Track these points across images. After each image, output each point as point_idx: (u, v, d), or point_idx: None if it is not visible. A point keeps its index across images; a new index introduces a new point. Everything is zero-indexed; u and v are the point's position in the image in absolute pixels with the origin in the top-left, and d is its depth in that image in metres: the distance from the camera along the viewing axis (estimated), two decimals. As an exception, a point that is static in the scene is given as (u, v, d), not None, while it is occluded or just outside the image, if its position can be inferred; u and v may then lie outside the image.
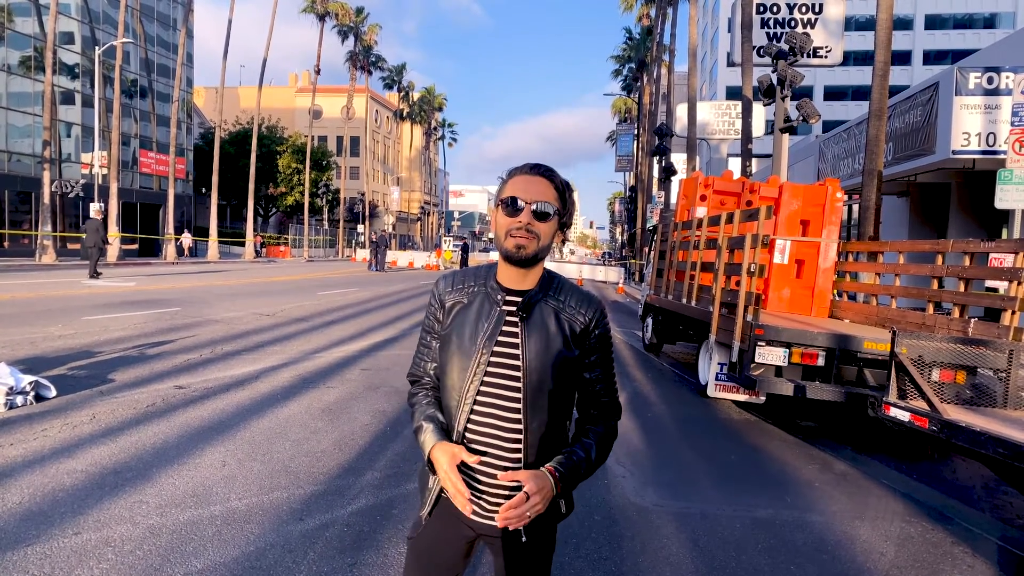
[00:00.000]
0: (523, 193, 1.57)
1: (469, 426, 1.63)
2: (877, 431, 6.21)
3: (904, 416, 4.36)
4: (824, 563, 3.57)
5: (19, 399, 5.42)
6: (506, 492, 1.61)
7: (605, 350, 1.69)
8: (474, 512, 1.64)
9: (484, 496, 1.64)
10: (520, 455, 1.60)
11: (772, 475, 5.06)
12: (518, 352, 1.59)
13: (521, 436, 1.60)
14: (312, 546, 3.34)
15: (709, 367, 7.31)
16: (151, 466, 4.30)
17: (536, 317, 1.61)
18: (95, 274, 18.80)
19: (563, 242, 1.69)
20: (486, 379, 1.61)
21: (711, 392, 7.24)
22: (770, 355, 5.99)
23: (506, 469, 1.60)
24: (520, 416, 1.59)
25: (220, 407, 5.81)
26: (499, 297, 1.63)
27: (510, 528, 1.50)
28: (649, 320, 10.98)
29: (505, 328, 1.61)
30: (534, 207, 1.56)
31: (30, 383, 5.57)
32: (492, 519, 1.62)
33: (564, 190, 1.61)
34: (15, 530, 3.32)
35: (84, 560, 3.07)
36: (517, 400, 1.59)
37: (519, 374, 1.58)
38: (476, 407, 1.62)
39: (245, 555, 3.21)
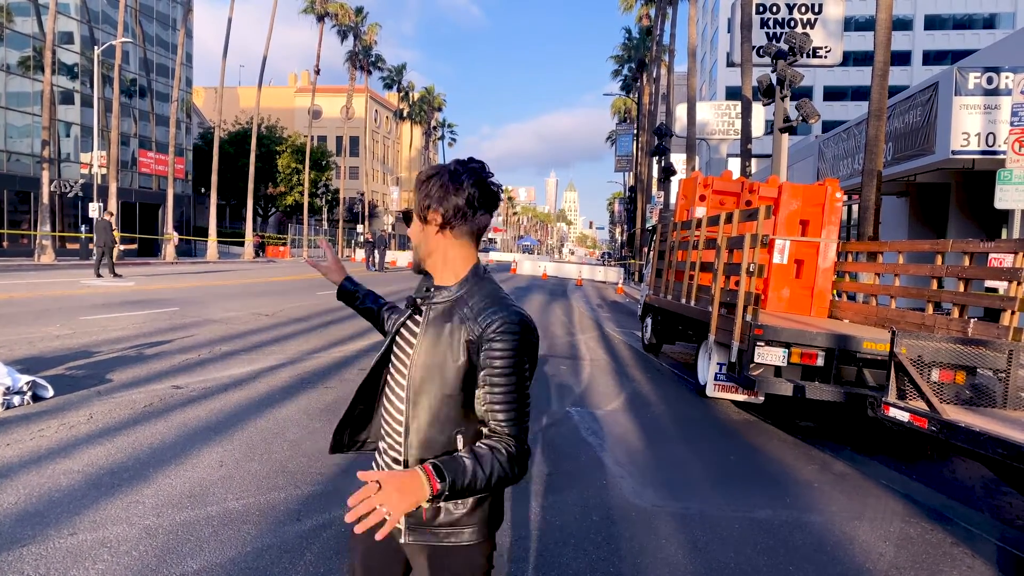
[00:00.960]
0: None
1: (382, 422, 1.70)
2: (876, 431, 6.20)
3: (903, 416, 4.35)
4: (823, 564, 3.56)
5: (16, 399, 5.40)
6: None
7: (505, 368, 1.48)
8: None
9: None
10: (401, 454, 1.58)
11: (771, 475, 5.05)
12: (411, 347, 1.60)
13: (401, 435, 1.60)
14: (309, 547, 3.32)
15: (708, 367, 7.30)
16: (148, 466, 4.29)
17: (436, 317, 1.58)
18: (103, 273, 19.06)
19: (443, 226, 1.57)
20: (389, 370, 1.68)
21: (710, 392, 7.23)
22: (769, 355, 5.98)
23: (389, 464, 1.62)
24: (402, 416, 1.59)
25: (218, 407, 5.80)
26: (415, 297, 1.67)
27: (360, 530, 1.35)
28: (648, 320, 10.97)
29: (410, 324, 1.65)
30: (397, 217, 1.55)
31: (27, 383, 5.55)
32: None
33: (427, 180, 1.60)
34: (11, 531, 3.31)
35: (80, 561, 3.06)
36: (400, 398, 1.60)
37: (405, 369, 1.59)
38: (384, 402, 1.69)
39: (242, 556, 3.19)
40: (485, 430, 1.52)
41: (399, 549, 1.65)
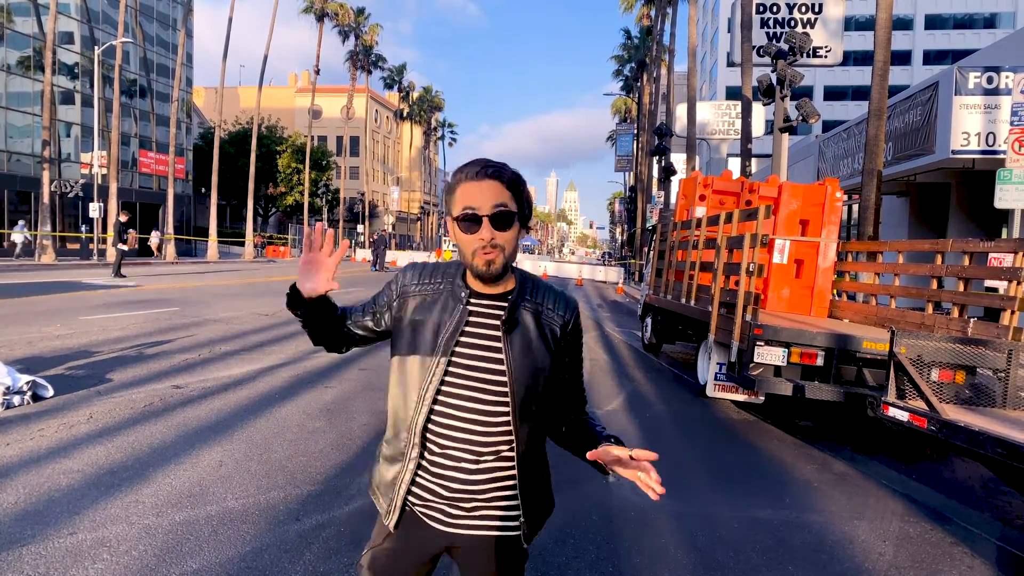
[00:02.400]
0: (477, 203, 1.46)
1: (431, 426, 1.55)
2: (876, 431, 6.20)
3: (903, 416, 4.35)
4: (823, 563, 3.56)
5: (16, 399, 5.41)
6: (484, 497, 1.56)
7: (578, 348, 1.68)
8: (450, 524, 1.58)
9: (461, 504, 1.56)
10: (512, 464, 1.56)
11: (771, 475, 5.05)
12: (501, 358, 1.52)
13: (508, 448, 1.55)
14: (309, 546, 3.32)
15: (708, 367, 7.30)
16: (148, 466, 4.29)
17: (518, 324, 1.54)
18: (118, 274, 19.43)
19: (527, 233, 1.63)
20: (453, 380, 1.53)
21: (710, 392, 7.22)
22: (769, 355, 5.98)
23: (484, 475, 1.55)
24: (510, 427, 1.53)
25: (218, 407, 5.80)
26: (463, 295, 1.55)
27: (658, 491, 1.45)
28: (648, 320, 10.97)
29: (482, 331, 1.54)
30: (492, 216, 1.45)
31: (27, 383, 5.56)
32: (471, 528, 1.58)
33: (517, 184, 1.51)
34: (10, 530, 3.31)
35: (79, 560, 3.06)
36: (502, 410, 1.53)
37: (504, 379, 1.52)
38: (440, 407, 1.54)
39: (241, 555, 3.20)
40: (557, 408, 1.67)
41: (428, 555, 1.63)
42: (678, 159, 29.46)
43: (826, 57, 17.76)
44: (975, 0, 49.88)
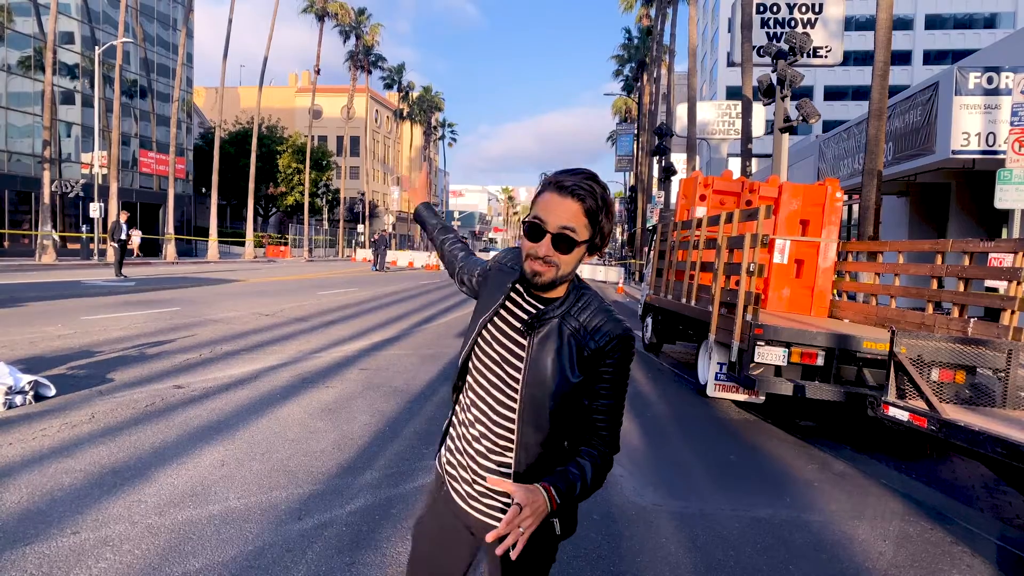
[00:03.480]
0: (547, 216, 1.46)
1: (461, 397, 1.68)
2: (876, 431, 6.21)
3: (903, 416, 4.36)
4: (822, 563, 3.57)
5: (18, 399, 5.42)
6: (484, 484, 1.61)
7: (616, 382, 1.55)
8: (466, 502, 1.64)
9: (471, 480, 1.63)
10: (510, 462, 1.57)
11: (771, 475, 5.06)
12: (520, 362, 1.55)
13: (511, 445, 1.56)
14: (311, 546, 3.34)
15: (708, 367, 7.31)
16: (150, 465, 4.30)
17: (548, 333, 1.53)
18: (119, 272, 19.74)
19: (599, 257, 1.68)
20: (480, 360, 1.62)
21: (710, 392, 7.23)
22: (769, 355, 5.99)
23: (492, 468, 1.59)
24: (513, 426, 1.55)
25: (219, 407, 5.81)
26: (510, 285, 1.61)
27: (498, 552, 1.36)
28: (649, 320, 10.98)
29: (515, 325, 1.59)
30: (555, 236, 1.45)
31: (29, 383, 5.57)
32: (476, 511, 1.63)
33: (597, 213, 1.48)
34: (13, 529, 3.32)
35: (82, 559, 3.07)
36: (510, 409, 1.56)
37: (516, 384, 1.55)
38: (469, 380, 1.64)
39: (243, 554, 3.21)
40: (580, 438, 1.59)
41: (469, 539, 1.69)
42: (678, 159, 29.46)
43: (826, 57, 17.76)
44: (975, 0, 49.87)
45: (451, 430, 1.72)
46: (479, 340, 1.62)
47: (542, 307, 1.57)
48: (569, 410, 1.55)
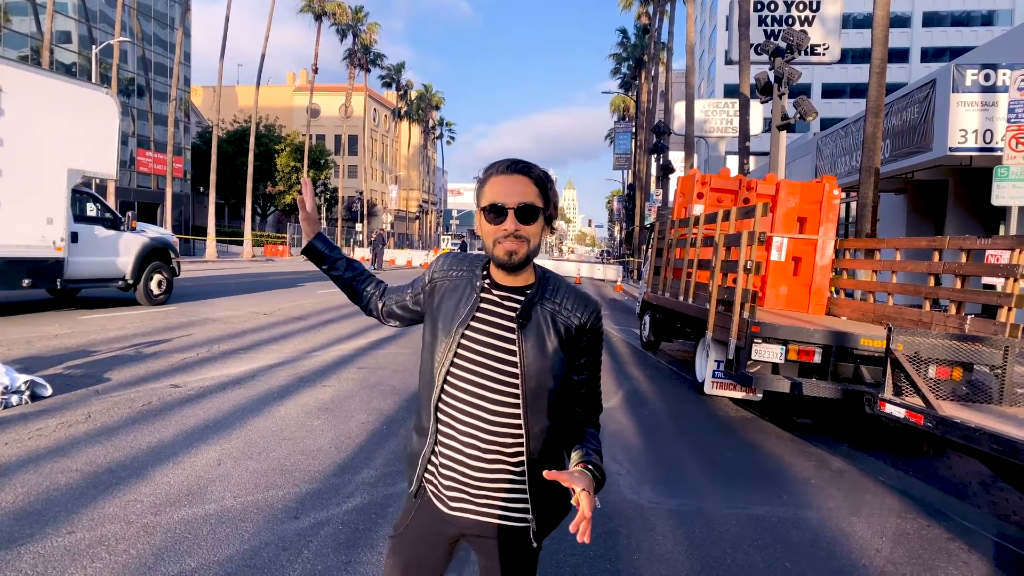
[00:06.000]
0: (505, 196, 1.52)
1: (442, 407, 1.63)
2: (873, 428, 6.22)
3: (900, 413, 4.36)
4: (820, 560, 3.57)
5: (14, 398, 5.41)
6: (489, 486, 1.59)
7: (596, 351, 1.68)
8: (456, 508, 1.63)
9: (467, 488, 1.60)
10: (522, 452, 1.58)
11: (768, 472, 5.06)
12: (513, 349, 1.56)
13: (519, 440, 1.58)
14: (307, 544, 3.33)
15: (706, 364, 7.31)
16: (146, 465, 4.29)
17: (533, 320, 1.58)
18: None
19: (551, 233, 1.67)
20: (463, 365, 1.59)
21: (708, 389, 7.24)
22: (767, 352, 5.99)
23: (490, 464, 1.58)
24: (519, 420, 1.57)
25: (216, 406, 5.80)
26: (479, 284, 1.63)
27: (586, 540, 1.39)
28: (647, 318, 10.98)
29: (495, 321, 1.59)
30: (517, 210, 1.51)
31: (25, 382, 5.56)
32: (477, 514, 1.61)
33: (545, 183, 1.57)
34: (9, 529, 3.31)
35: (78, 559, 3.06)
36: (513, 405, 1.57)
37: (515, 371, 1.56)
38: (451, 389, 1.61)
39: (240, 553, 3.20)
40: (570, 411, 1.67)
41: (445, 540, 1.69)
42: (676, 157, 29.50)
43: (824, 55, 17.79)
44: (973, -3, 49.92)
45: (436, 447, 1.65)
46: (458, 348, 1.60)
47: (518, 297, 1.60)
48: (565, 389, 1.63)
